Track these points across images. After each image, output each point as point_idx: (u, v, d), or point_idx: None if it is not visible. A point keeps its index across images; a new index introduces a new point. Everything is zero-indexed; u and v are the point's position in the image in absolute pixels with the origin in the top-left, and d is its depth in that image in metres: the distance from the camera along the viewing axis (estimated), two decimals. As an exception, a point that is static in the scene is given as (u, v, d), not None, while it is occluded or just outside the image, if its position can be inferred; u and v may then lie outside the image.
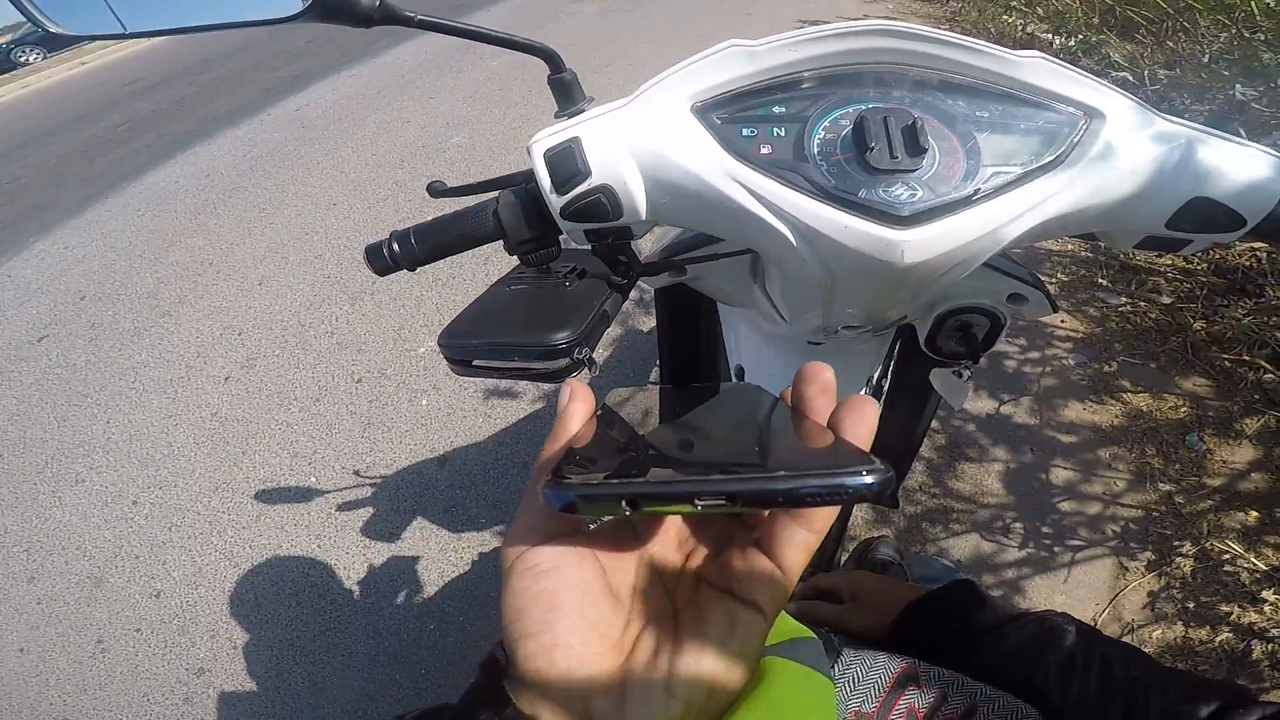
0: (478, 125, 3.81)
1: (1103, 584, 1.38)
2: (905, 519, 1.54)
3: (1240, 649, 1.24)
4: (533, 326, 0.46)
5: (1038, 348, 1.86)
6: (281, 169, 3.87)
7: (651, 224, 0.43)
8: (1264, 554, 1.35)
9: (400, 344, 2.39)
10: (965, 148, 0.38)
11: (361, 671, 1.53)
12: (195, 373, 2.48)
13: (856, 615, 0.53)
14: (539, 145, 0.40)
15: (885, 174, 0.37)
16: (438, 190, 0.51)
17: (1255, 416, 1.58)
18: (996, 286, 0.55)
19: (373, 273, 0.46)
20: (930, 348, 0.57)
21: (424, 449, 1.98)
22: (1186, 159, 0.39)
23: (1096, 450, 1.61)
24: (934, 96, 0.39)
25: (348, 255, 2.90)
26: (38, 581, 1.90)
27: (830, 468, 0.20)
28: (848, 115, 0.39)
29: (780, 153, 0.38)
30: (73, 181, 4.51)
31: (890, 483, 0.20)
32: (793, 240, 0.38)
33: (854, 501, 0.20)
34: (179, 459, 2.15)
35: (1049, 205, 0.39)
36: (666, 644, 0.23)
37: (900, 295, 0.43)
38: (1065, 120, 0.39)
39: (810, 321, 0.52)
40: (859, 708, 0.34)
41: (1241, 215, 0.40)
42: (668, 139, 0.39)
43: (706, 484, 0.20)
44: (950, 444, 1.68)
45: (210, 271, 3.05)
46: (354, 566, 1.73)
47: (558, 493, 0.21)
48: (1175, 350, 1.76)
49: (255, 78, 5.76)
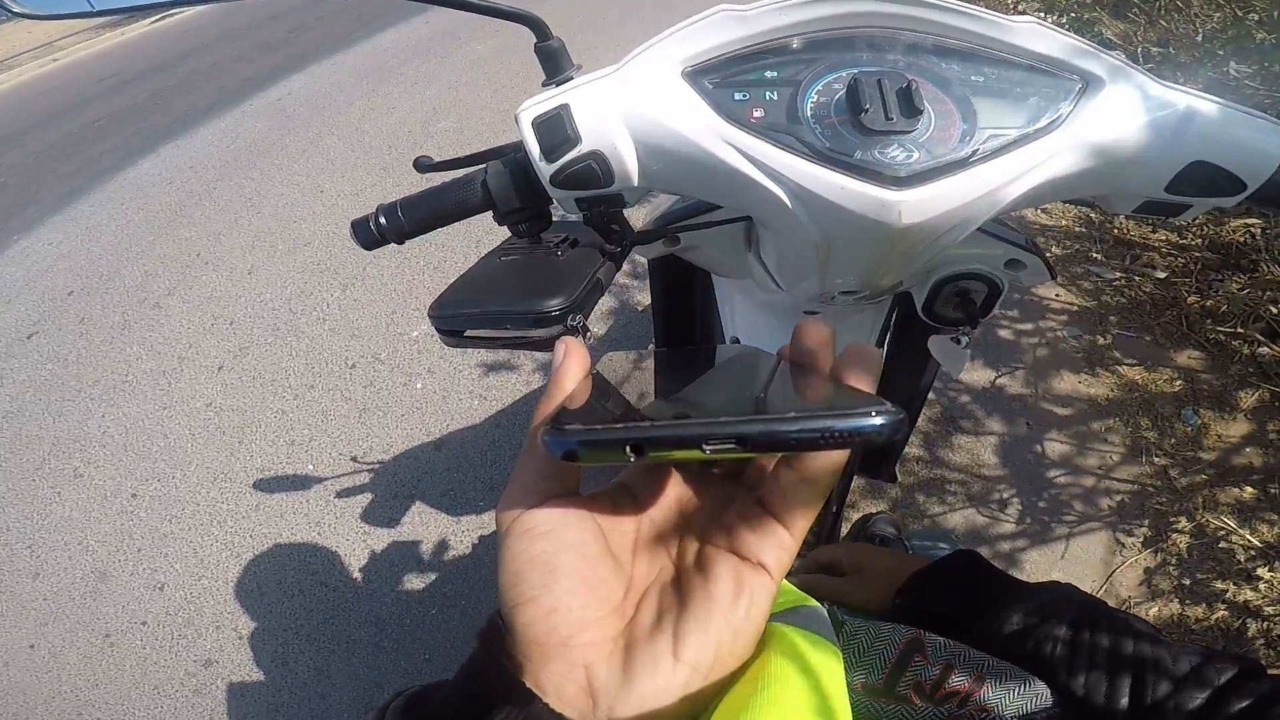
0: (465, 109, 3.76)
1: (1099, 559, 1.40)
2: (902, 490, 1.55)
3: (1236, 626, 1.26)
4: (524, 295, 0.46)
5: (1032, 320, 1.86)
6: (265, 158, 3.81)
7: (644, 191, 0.42)
8: (1259, 530, 1.36)
9: (393, 328, 2.37)
10: (961, 110, 0.38)
11: (366, 658, 1.54)
12: (188, 363, 2.46)
13: (859, 588, 0.52)
14: (527, 113, 0.39)
15: (880, 135, 0.37)
16: (425, 165, 0.50)
17: (1250, 390, 1.58)
18: (994, 252, 0.55)
19: (359, 246, 0.45)
20: (928, 314, 0.57)
21: (420, 433, 1.98)
22: (1185, 123, 0.39)
23: (1091, 423, 1.62)
24: (928, 60, 0.39)
25: (337, 242, 2.88)
26: (42, 578, 1.90)
27: (839, 410, 0.19)
28: (841, 79, 0.38)
29: (773, 116, 0.38)
30: (52, 178, 4.44)
31: (902, 425, 0.19)
32: (788, 203, 0.38)
33: (865, 444, 0.19)
34: (175, 450, 2.14)
35: (1046, 168, 0.39)
36: (671, 608, 0.22)
37: (897, 259, 0.43)
38: (1062, 84, 0.39)
39: (806, 289, 0.52)
40: (865, 679, 0.33)
41: (1242, 179, 0.40)
42: (659, 104, 0.38)
43: (715, 427, 0.19)
44: (945, 416, 1.68)
45: (198, 262, 3.02)
46: (354, 553, 1.74)
47: (558, 440, 0.20)
48: (1170, 324, 1.76)
49: (234, 69, 5.65)
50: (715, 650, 0.22)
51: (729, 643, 0.22)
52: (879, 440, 0.18)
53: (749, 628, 0.22)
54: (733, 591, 0.22)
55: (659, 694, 0.21)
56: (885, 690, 0.33)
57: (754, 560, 0.23)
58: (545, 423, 0.21)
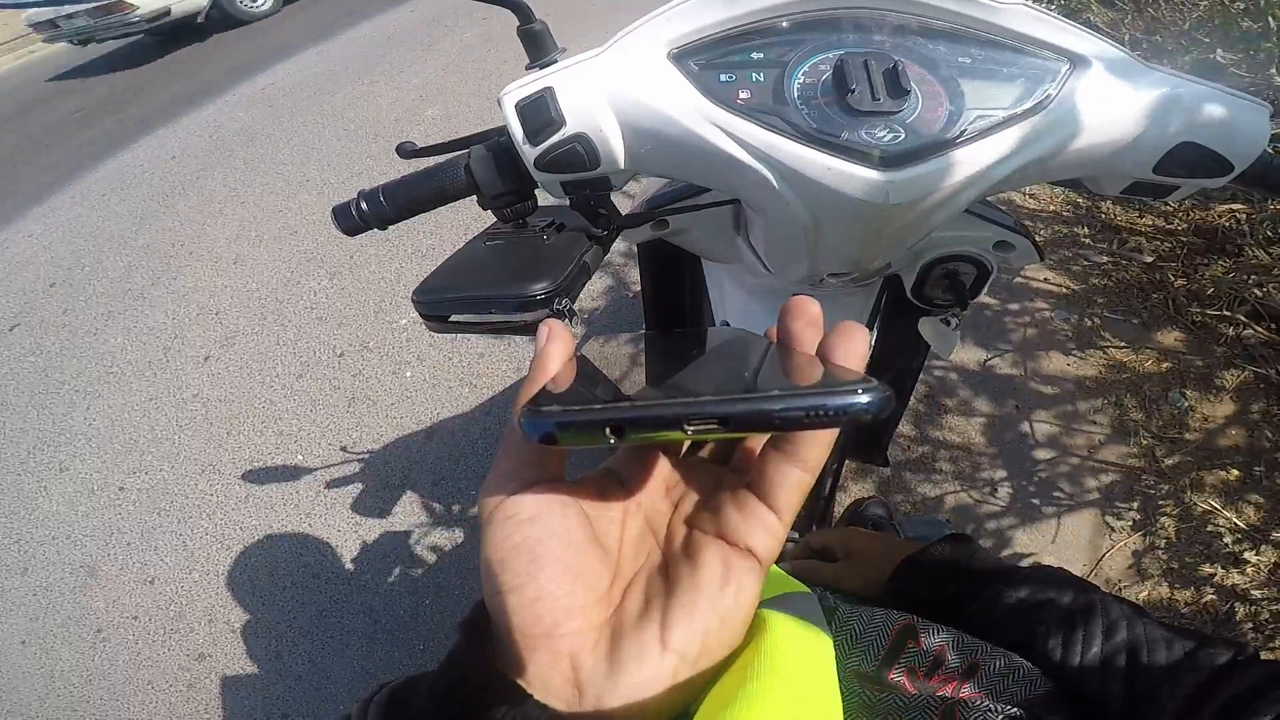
0: (452, 97, 3.72)
1: (1088, 542, 1.41)
2: (893, 472, 1.56)
3: (1224, 611, 1.27)
4: (510, 279, 0.45)
5: (1021, 302, 1.87)
6: (250, 148, 3.76)
7: (630, 174, 0.42)
8: (1244, 512, 1.38)
9: (381, 316, 2.36)
10: (948, 91, 0.38)
11: (360, 650, 1.54)
12: (174, 354, 2.43)
13: (851, 573, 0.52)
14: (510, 96, 0.39)
15: (867, 116, 0.37)
16: (408, 150, 0.49)
17: (1234, 371, 1.60)
18: (983, 234, 0.55)
19: (341, 232, 0.44)
20: (918, 296, 0.57)
21: (410, 421, 1.97)
22: (1173, 105, 0.39)
23: (1079, 405, 1.63)
24: (914, 41, 0.39)
25: (323, 231, 2.84)
26: (31, 573, 1.88)
27: (826, 388, 0.19)
28: (827, 60, 0.38)
29: (760, 97, 0.38)
30: (30, 170, 4.36)
31: (890, 403, 0.18)
32: (775, 184, 0.38)
33: (853, 423, 0.18)
34: (162, 443, 2.12)
35: (1034, 148, 0.39)
36: (658, 595, 0.22)
37: (886, 240, 0.43)
38: (1049, 66, 0.39)
39: (795, 271, 0.52)
40: (858, 666, 0.33)
41: (1229, 161, 0.40)
42: (645, 86, 0.38)
43: (697, 406, 0.19)
44: (933, 396, 1.69)
45: (182, 253, 2.98)
46: (346, 544, 1.73)
47: (535, 422, 0.19)
48: (1156, 307, 1.78)
49: (216, 59, 5.56)
50: (703, 638, 0.21)
51: (717, 630, 0.22)
52: (866, 419, 0.18)
53: (737, 615, 0.22)
54: (720, 578, 0.22)
55: (647, 683, 0.20)
56: (878, 676, 0.32)
57: (742, 546, 0.22)
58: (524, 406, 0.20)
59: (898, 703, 0.30)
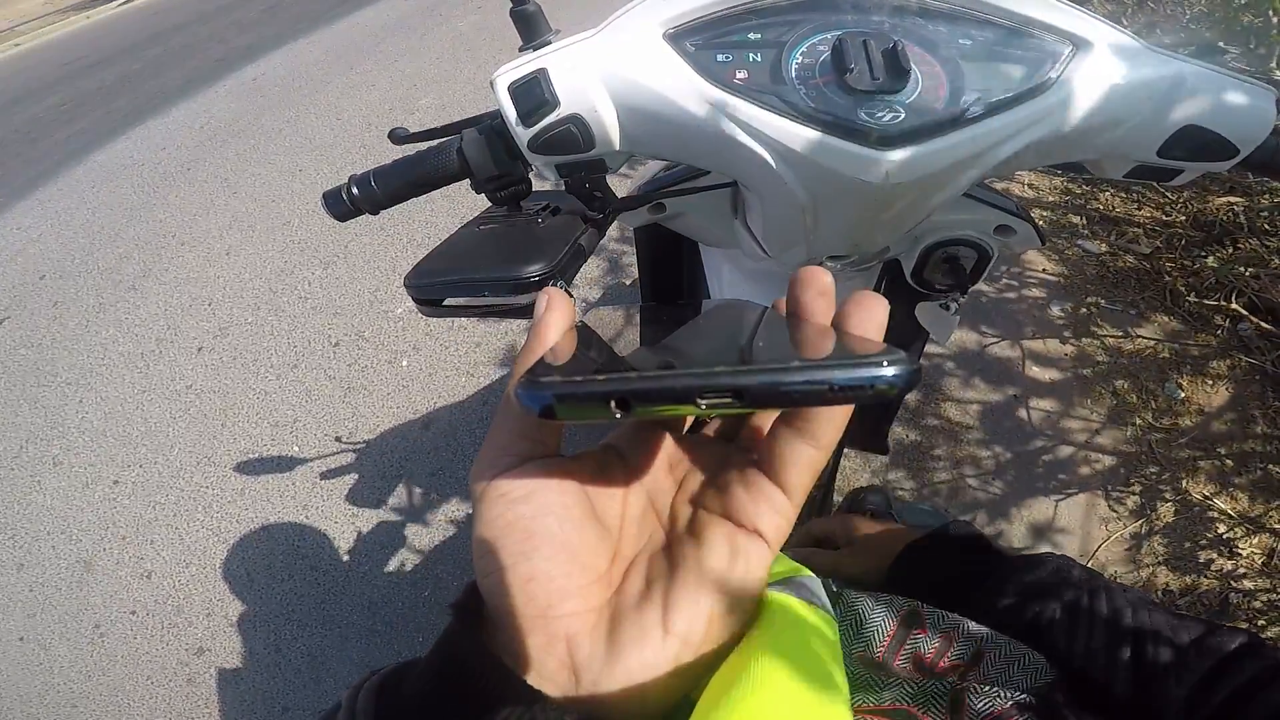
0: (447, 85, 3.68)
1: (1086, 531, 1.42)
2: (891, 459, 1.56)
3: (1219, 598, 1.28)
4: (504, 261, 0.44)
5: (1018, 290, 1.87)
6: (241, 138, 3.72)
7: (625, 156, 0.41)
8: (1239, 500, 1.39)
9: (377, 306, 2.34)
10: (948, 72, 0.38)
11: (359, 642, 1.54)
12: (166, 345, 2.41)
13: (853, 560, 0.51)
14: (503, 78, 0.39)
15: (867, 95, 0.36)
16: (400, 136, 0.48)
17: (1229, 360, 1.61)
18: (983, 218, 0.54)
19: (332, 218, 0.44)
20: (917, 281, 0.57)
21: (407, 411, 1.96)
22: (1177, 88, 0.39)
23: (1076, 393, 1.63)
24: (913, 22, 0.39)
25: (316, 220, 2.82)
26: (27, 569, 1.88)
27: (847, 360, 0.17)
28: (826, 40, 0.38)
29: (757, 77, 0.37)
30: (16, 163, 4.30)
31: (917, 376, 0.17)
32: (772, 164, 0.37)
33: (878, 398, 0.17)
34: (157, 435, 2.11)
35: (1035, 130, 0.38)
36: (660, 576, 0.21)
37: (885, 221, 0.42)
38: (1052, 48, 0.39)
39: (794, 255, 0.51)
40: (863, 652, 0.32)
41: (1234, 144, 0.40)
42: (641, 66, 0.38)
43: (711, 378, 0.17)
44: (930, 384, 1.69)
45: (174, 244, 2.95)
46: (343, 535, 1.73)
47: (533, 393, 0.18)
48: (1153, 297, 1.78)
49: (206, 50, 5.49)
50: (707, 622, 0.20)
51: (722, 614, 0.21)
52: (891, 393, 0.17)
53: (743, 598, 0.21)
54: (727, 559, 0.21)
55: (647, 668, 0.20)
56: (883, 662, 0.32)
57: (750, 526, 0.22)
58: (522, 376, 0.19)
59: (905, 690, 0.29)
